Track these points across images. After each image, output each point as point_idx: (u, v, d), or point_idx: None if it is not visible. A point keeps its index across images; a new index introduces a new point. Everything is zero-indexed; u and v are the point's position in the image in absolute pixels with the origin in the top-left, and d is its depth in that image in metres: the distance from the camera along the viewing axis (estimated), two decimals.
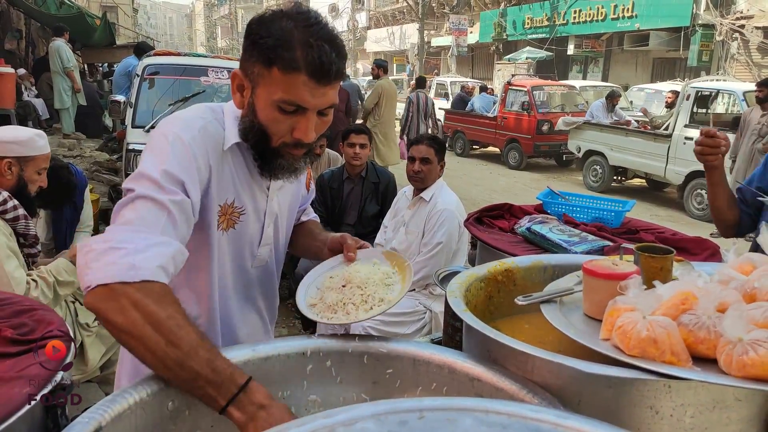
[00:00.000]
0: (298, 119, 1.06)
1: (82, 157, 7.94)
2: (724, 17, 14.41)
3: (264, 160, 1.14)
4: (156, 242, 0.94)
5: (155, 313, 0.87)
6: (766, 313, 0.78)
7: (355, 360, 1.07)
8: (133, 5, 35.48)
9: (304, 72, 1.01)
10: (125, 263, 0.89)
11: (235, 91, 1.12)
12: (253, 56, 1.05)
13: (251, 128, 1.10)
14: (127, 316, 0.87)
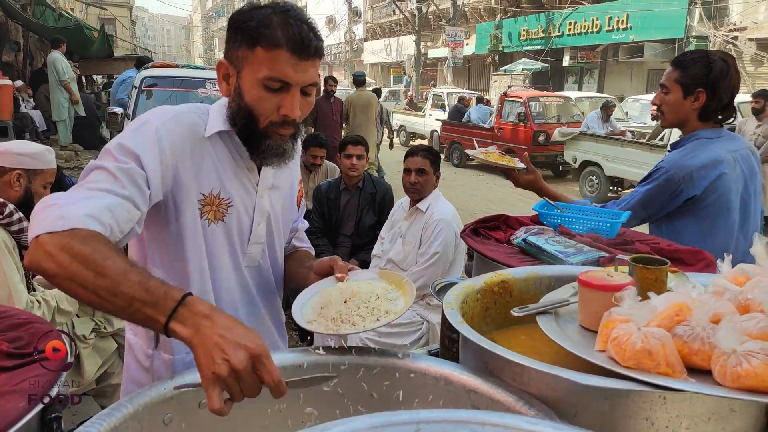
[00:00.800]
0: (283, 96, 1.11)
1: (79, 168, 7.94)
2: (717, 29, 14.57)
3: (252, 143, 1.17)
4: (88, 196, 0.98)
5: (81, 251, 0.89)
6: (760, 324, 0.79)
7: (351, 373, 1.07)
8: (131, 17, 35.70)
9: (286, 48, 1.08)
10: (55, 215, 0.92)
11: (221, 80, 1.18)
12: (237, 41, 1.12)
13: (238, 111, 1.15)
14: (55, 260, 0.89)
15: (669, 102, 1.97)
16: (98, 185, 1.01)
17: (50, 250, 0.89)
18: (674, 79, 1.94)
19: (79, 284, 0.89)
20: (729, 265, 1.04)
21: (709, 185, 1.85)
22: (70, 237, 0.90)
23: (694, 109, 1.91)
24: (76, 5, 22.83)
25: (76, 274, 0.89)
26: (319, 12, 34.86)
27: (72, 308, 2.35)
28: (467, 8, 23.88)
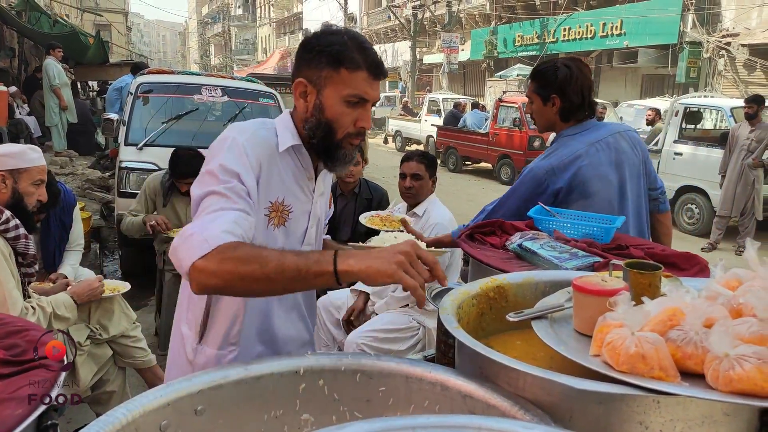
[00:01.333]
0: (360, 111, 1.29)
1: (74, 174, 7.92)
2: (710, 35, 14.68)
3: (328, 153, 1.33)
4: (215, 218, 1.12)
5: (238, 256, 1.04)
6: (752, 329, 0.80)
7: (348, 378, 1.07)
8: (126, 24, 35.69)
9: (365, 70, 1.26)
10: (198, 241, 1.06)
11: (299, 97, 1.32)
12: (320, 63, 1.26)
13: (318, 126, 1.29)
14: (219, 275, 1.03)
15: (535, 111, 2.17)
16: (216, 206, 1.15)
17: (211, 269, 1.04)
18: (532, 90, 2.15)
19: (251, 280, 1.03)
20: (722, 269, 1.05)
21: (571, 177, 2.02)
22: (221, 252, 1.04)
23: (554, 113, 2.10)
24: (71, 11, 22.83)
25: (244, 274, 1.03)
26: (315, 18, 34.97)
27: (70, 315, 2.33)
28: (462, 14, 23.98)
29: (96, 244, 5.68)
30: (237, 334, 1.36)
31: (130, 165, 4.56)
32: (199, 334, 1.36)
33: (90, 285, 2.49)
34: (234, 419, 1.01)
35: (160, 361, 3.38)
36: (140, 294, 4.62)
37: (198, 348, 1.36)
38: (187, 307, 1.41)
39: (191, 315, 1.39)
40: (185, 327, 1.41)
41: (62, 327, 2.33)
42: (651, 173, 2.28)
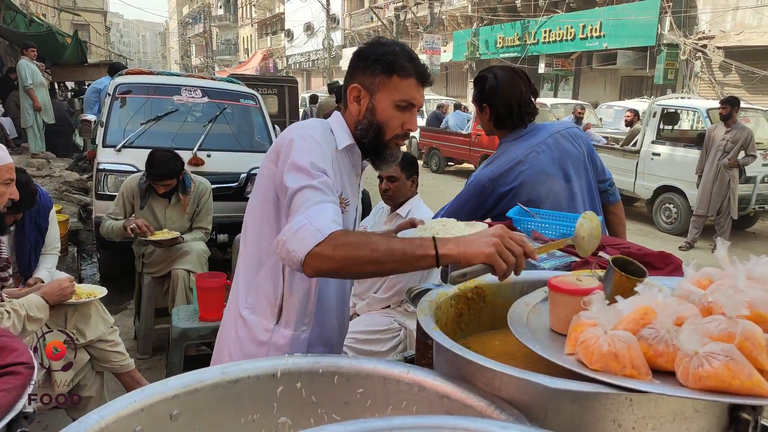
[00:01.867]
0: (408, 115, 1.41)
1: (51, 176, 7.78)
2: (687, 37, 14.93)
3: (378, 152, 1.45)
4: (320, 210, 1.20)
5: (351, 241, 1.15)
6: (720, 326, 0.81)
7: (325, 380, 1.06)
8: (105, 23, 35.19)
9: (415, 77, 1.39)
10: (311, 231, 1.15)
11: (352, 101, 1.42)
12: (375, 70, 1.38)
13: (369, 127, 1.41)
14: (335, 259, 1.14)
15: (479, 117, 2.28)
16: (316, 199, 1.22)
17: (327, 254, 1.14)
18: (473, 98, 2.25)
19: (363, 263, 1.14)
20: (694, 268, 1.07)
21: (514, 182, 2.09)
22: (334, 239, 1.14)
23: (487, 120, 2.18)
24: (48, 11, 22.44)
25: (357, 257, 1.14)
26: (297, 19, 34.83)
27: (42, 315, 2.30)
28: (444, 16, 24.08)
29: (73, 248, 5.59)
30: (310, 314, 1.46)
31: (108, 167, 4.50)
32: (276, 315, 1.44)
33: (60, 285, 2.46)
34: (210, 424, 1.00)
35: (139, 365, 3.34)
36: (119, 297, 4.56)
37: (275, 329, 1.44)
38: (246, 291, 1.47)
39: (252, 299, 1.46)
40: (246, 311, 1.46)
41: (35, 328, 2.29)
42: (598, 165, 2.33)
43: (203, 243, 3.77)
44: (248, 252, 1.47)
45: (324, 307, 1.50)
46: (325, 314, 1.51)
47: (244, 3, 49.68)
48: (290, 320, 1.44)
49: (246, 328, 1.46)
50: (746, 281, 0.92)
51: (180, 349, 2.88)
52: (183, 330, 2.86)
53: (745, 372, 0.75)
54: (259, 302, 1.45)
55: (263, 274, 1.43)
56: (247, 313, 1.46)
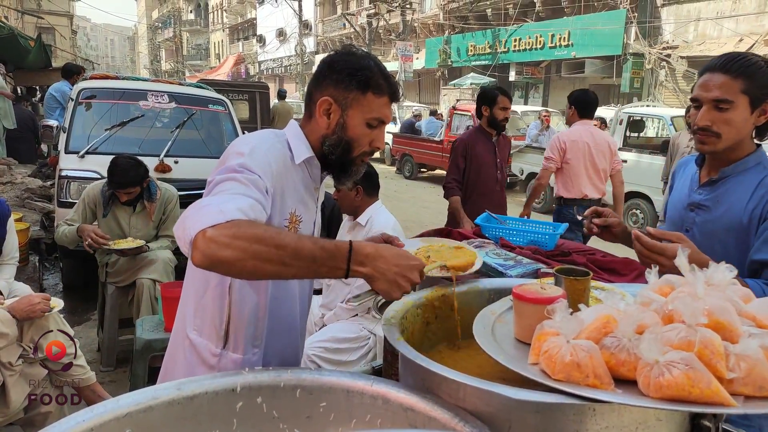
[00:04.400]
0: (377, 132, 1.37)
1: (13, 183, 7.52)
2: (652, 47, 15.33)
3: (343, 168, 1.39)
4: (232, 198, 1.11)
5: (255, 233, 1.03)
6: (680, 335, 0.81)
7: (287, 394, 1.04)
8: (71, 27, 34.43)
9: (388, 96, 1.36)
10: (213, 211, 1.04)
11: (322, 114, 1.35)
12: (350, 86, 1.32)
13: (339, 143, 1.35)
14: (233, 247, 1.01)
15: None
16: (234, 190, 1.14)
17: (223, 240, 1.00)
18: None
19: (264, 260, 1.03)
20: (656, 275, 1.07)
21: None
22: (237, 225, 1.02)
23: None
24: (10, 13, 21.83)
25: (258, 252, 1.02)
26: (269, 24, 34.64)
27: (8, 330, 2.21)
28: (417, 23, 24.25)
29: (35, 257, 5.41)
30: (260, 336, 1.38)
31: (70, 174, 4.36)
32: (222, 339, 1.36)
33: (30, 301, 2.34)
34: None
35: (102, 378, 3.23)
36: (82, 308, 4.43)
37: (222, 353, 1.36)
38: (193, 313, 1.39)
39: (200, 321, 1.38)
40: (194, 333, 1.38)
41: (2, 344, 2.20)
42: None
43: (170, 251, 3.68)
44: (194, 271, 1.39)
45: (277, 328, 1.42)
46: (280, 335, 1.44)
47: (216, 8, 49.21)
48: (238, 344, 1.36)
49: (194, 351, 1.38)
50: (705, 288, 0.93)
51: (144, 361, 2.80)
52: (148, 341, 2.78)
53: (704, 381, 0.75)
54: (206, 324, 1.37)
55: (209, 295, 1.35)
56: (194, 336, 1.38)
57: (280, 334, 1.44)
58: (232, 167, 1.20)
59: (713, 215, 1.61)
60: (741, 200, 1.56)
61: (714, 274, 1.00)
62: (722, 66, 1.53)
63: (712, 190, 1.63)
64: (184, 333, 1.40)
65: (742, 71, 1.51)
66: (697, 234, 1.64)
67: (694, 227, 1.66)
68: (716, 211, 1.60)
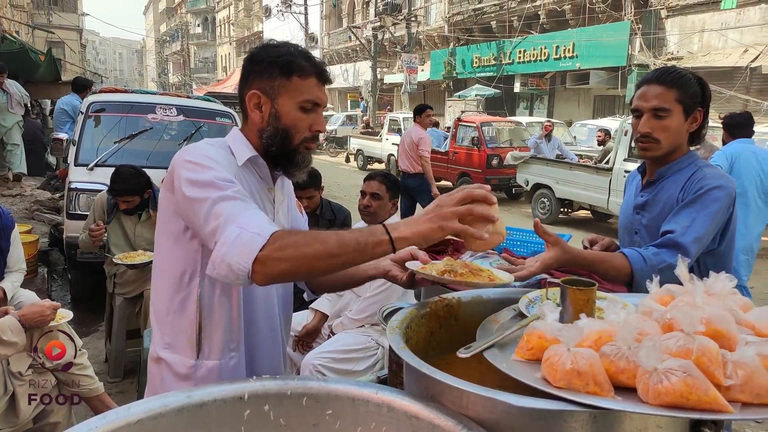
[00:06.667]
0: (314, 116, 1.35)
1: (22, 195, 7.62)
2: (656, 58, 15.37)
3: (287, 158, 1.36)
4: (250, 215, 1.14)
5: (297, 240, 1.10)
6: (679, 343, 0.83)
7: (294, 402, 1.05)
8: (80, 41, 34.89)
9: (314, 76, 1.33)
10: (250, 236, 1.09)
11: (253, 109, 1.35)
12: (273, 73, 1.31)
13: (275, 134, 1.33)
14: (285, 260, 1.08)
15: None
16: (238, 208, 1.15)
17: (275, 256, 1.07)
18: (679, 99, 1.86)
19: (315, 258, 1.09)
20: (657, 285, 1.09)
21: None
22: (278, 239, 1.09)
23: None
24: (21, 28, 22.17)
25: (308, 254, 1.08)
26: (276, 37, 34.88)
27: (17, 339, 2.21)
28: (422, 36, 24.43)
29: (44, 268, 5.46)
30: (237, 339, 1.37)
31: (80, 186, 4.42)
32: (195, 348, 1.34)
33: (41, 310, 2.34)
34: None
35: (110, 389, 3.26)
36: (90, 319, 4.46)
37: (197, 363, 1.35)
38: (161, 332, 1.38)
39: (169, 337, 1.36)
40: (165, 351, 1.37)
41: (8, 352, 2.22)
42: None
43: None
44: (158, 289, 1.38)
45: (256, 331, 1.42)
46: (262, 338, 1.43)
47: (223, 21, 49.73)
48: (213, 350, 1.35)
49: (168, 368, 1.36)
50: (705, 297, 0.94)
51: None
52: None
53: (702, 388, 0.77)
54: (177, 339, 1.35)
55: (176, 308, 1.33)
56: (166, 354, 1.37)
57: (260, 336, 1.42)
58: (207, 182, 1.18)
59: (653, 213, 1.75)
60: (674, 196, 1.69)
61: (714, 283, 1.02)
62: (658, 78, 1.68)
63: (651, 191, 1.77)
64: (155, 356, 1.39)
65: (675, 82, 1.66)
66: (644, 234, 1.76)
67: (641, 228, 1.79)
68: (655, 209, 1.74)
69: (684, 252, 1.55)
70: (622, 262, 1.56)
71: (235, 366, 1.37)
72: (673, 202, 1.68)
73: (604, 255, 1.64)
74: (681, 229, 1.59)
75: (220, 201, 1.16)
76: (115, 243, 3.66)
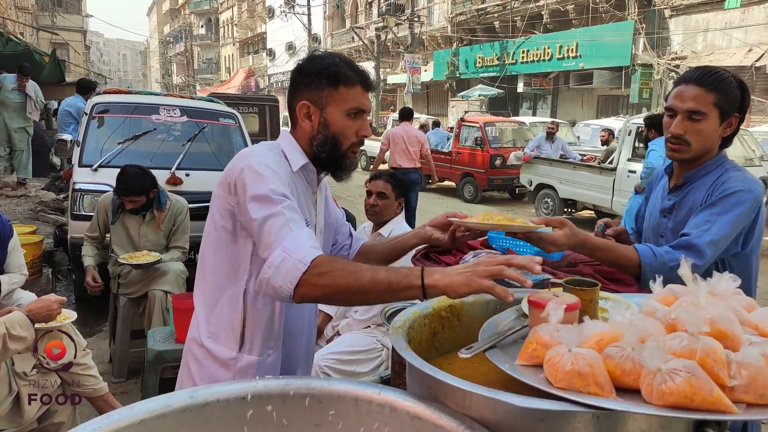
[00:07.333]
0: (360, 122, 1.42)
1: (26, 197, 7.65)
2: (660, 57, 15.33)
3: (337, 164, 1.44)
4: (295, 237, 1.21)
5: (334, 270, 1.16)
6: (683, 343, 0.83)
7: (296, 403, 1.05)
8: (84, 42, 35.02)
9: (360, 85, 1.40)
10: (294, 261, 1.17)
11: (303, 119, 1.42)
12: (320, 85, 1.38)
13: (325, 141, 1.41)
14: (321, 287, 1.16)
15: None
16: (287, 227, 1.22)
17: (312, 282, 1.16)
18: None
19: (347, 291, 1.16)
20: (660, 285, 1.08)
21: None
22: (317, 266, 1.16)
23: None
24: (26, 30, 22.26)
25: (341, 286, 1.15)
26: (279, 38, 35.01)
27: (26, 333, 2.21)
28: (425, 36, 24.42)
29: (48, 269, 5.48)
30: (276, 338, 1.44)
31: (84, 187, 4.43)
32: (239, 342, 1.41)
33: (48, 305, 2.33)
34: None
35: (114, 389, 3.26)
36: (94, 319, 4.47)
37: (238, 356, 1.42)
38: (206, 321, 1.44)
39: (214, 328, 1.43)
40: (209, 341, 1.44)
41: (18, 347, 2.21)
42: None
43: (181, 263, 3.73)
44: (207, 281, 1.45)
45: (293, 330, 1.49)
46: (297, 336, 1.50)
47: (226, 22, 49.83)
48: (254, 346, 1.42)
49: (210, 357, 1.44)
50: (709, 297, 0.94)
51: (156, 372, 2.83)
52: (159, 352, 2.81)
53: (706, 388, 0.77)
54: (222, 331, 1.43)
55: (224, 302, 1.41)
56: (209, 343, 1.44)
57: (296, 335, 1.50)
58: (263, 196, 1.26)
59: (679, 217, 1.70)
60: (699, 200, 1.66)
61: (717, 283, 1.02)
62: (698, 79, 1.60)
63: (678, 194, 1.73)
64: (199, 342, 1.46)
65: (715, 85, 1.58)
66: (670, 237, 1.72)
67: (667, 232, 1.75)
68: (681, 213, 1.70)
69: (698, 253, 1.52)
70: (632, 254, 1.55)
71: (272, 363, 1.44)
72: (698, 206, 1.64)
73: (614, 244, 1.62)
74: (698, 231, 1.56)
75: (272, 217, 1.24)
76: (119, 243, 3.67)
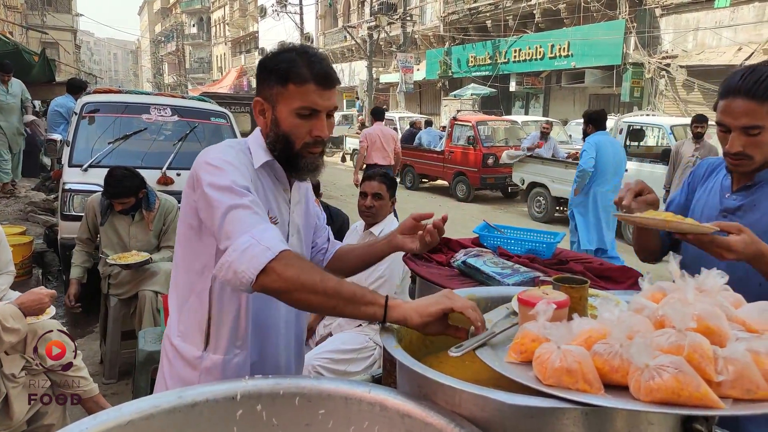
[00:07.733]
0: (314, 122, 1.35)
1: (16, 197, 7.59)
2: (651, 56, 15.41)
3: (291, 163, 1.40)
4: (264, 228, 1.20)
5: (302, 265, 1.16)
6: (670, 339, 0.83)
7: (286, 402, 1.05)
8: (75, 42, 34.77)
9: (313, 82, 1.32)
10: (262, 248, 1.15)
11: (258, 115, 1.40)
12: (270, 81, 1.34)
13: (276, 139, 1.37)
14: (285, 279, 1.14)
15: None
16: (253, 219, 1.21)
17: (278, 271, 1.13)
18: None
19: (310, 291, 1.14)
20: (649, 282, 1.09)
21: None
22: (284, 258, 1.15)
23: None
24: (15, 29, 22.06)
25: (305, 283, 1.14)
26: (271, 37, 34.89)
27: (20, 325, 2.20)
28: (417, 35, 24.43)
29: (38, 270, 5.43)
30: (243, 338, 1.41)
31: (74, 187, 4.40)
32: (204, 341, 1.40)
33: (39, 297, 2.33)
34: None
35: (105, 390, 3.24)
36: (84, 320, 4.44)
37: (203, 355, 1.40)
38: (177, 319, 1.44)
39: (184, 326, 1.42)
40: (178, 339, 1.43)
41: (12, 339, 2.20)
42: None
43: (172, 263, 3.71)
44: (179, 280, 1.44)
45: (263, 330, 1.46)
46: (265, 337, 1.47)
47: (218, 21, 49.64)
48: (219, 345, 1.40)
49: (179, 356, 1.43)
50: (696, 294, 0.94)
51: (147, 373, 2.81)
52: (150, 353, 2.79)
53: (693, 384, 0.77)
54: (190, 329, 1.42)
55: (193, 300, 1.40)
56: (178, 342, 1.43)
57: (269, 335, 1.46)
58: (226, 186, 1.24)
59: (750, 219, 1.56)
60: None
61: (705, 280, 1.02)
62: (747, 91, 1.45)
63: (748, 195, 1.60)
64: (169, 340, 1.46)
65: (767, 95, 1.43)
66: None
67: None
68: (753, 216, 1.57)
69: None
70: None
71: (238, 363, 1.41)
72: None
73: None
74: None
75: (236, 208, 1.22)
76: (109, 245, 3.65)
